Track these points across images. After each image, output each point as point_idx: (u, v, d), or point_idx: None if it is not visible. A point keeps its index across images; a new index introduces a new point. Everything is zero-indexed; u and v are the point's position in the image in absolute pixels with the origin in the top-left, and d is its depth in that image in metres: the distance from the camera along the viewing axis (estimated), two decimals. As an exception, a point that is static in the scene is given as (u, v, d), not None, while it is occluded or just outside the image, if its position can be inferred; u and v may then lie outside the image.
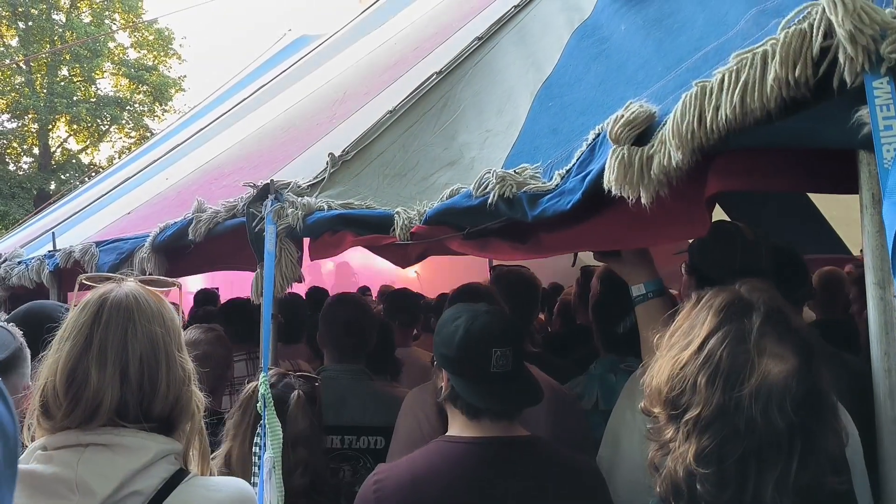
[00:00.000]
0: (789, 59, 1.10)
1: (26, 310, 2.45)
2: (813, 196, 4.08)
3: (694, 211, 1.48)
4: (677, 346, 1.33)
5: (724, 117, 1.20)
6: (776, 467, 1.16)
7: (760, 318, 1.25)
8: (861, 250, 1.26)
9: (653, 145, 1.39)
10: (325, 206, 2.35)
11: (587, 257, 4.26)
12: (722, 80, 1.21)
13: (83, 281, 1.59)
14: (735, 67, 1.19)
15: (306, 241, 2.50)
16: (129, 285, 1.51)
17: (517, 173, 1.88)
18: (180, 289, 1.67)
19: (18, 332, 1.88)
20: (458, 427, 1.91)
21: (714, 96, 1.22)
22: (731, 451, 1.18)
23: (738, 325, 1.25)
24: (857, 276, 3.66)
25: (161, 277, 1.67)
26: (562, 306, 4.70)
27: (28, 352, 1.84)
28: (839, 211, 4.17)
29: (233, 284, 6.08)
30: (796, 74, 1.09)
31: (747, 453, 1.18)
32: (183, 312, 1.65)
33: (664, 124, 1.38)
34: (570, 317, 4.37)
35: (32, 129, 24.20)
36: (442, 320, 1.99)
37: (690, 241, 2.19)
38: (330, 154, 2.64)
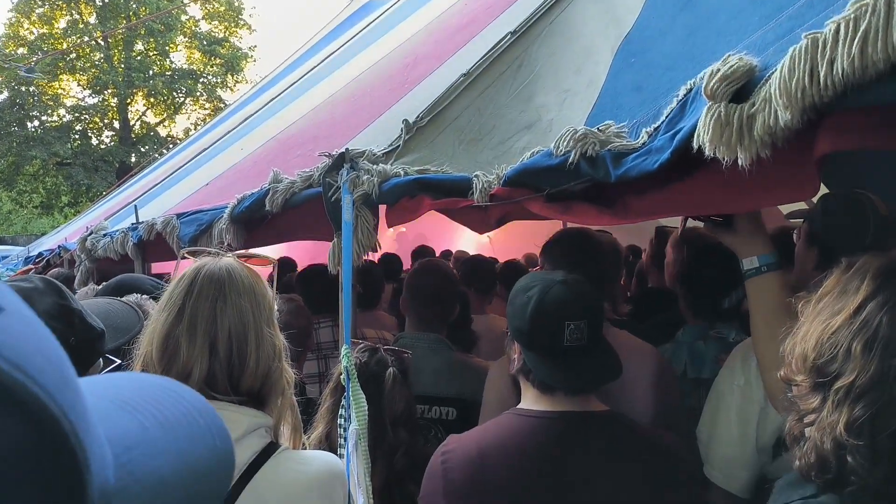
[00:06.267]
0: (921, 2, 0.98)
1: (118, 282, 2.53)
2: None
3: (801, 172, 1.38)
4: (826, 311, 1.23)
5: (840, 71, 1.08)
6: None
7: None
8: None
9: (754, 103, 1.29)
10: (402, 173, 2.31)
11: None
12: (837, 31, 1.10)
13: (185, 254, 1.61)
14: (853, 15, 1.07)
15: (382, 208, 2.48)
16: (226, 260, 1.53)
17: (600, 131, 1.79)
18: (275, 266, 1.68)
19: (144, 311, 1.90)
20: (531, 400, 1.85)
21: (828, 49, 1.11)
22: (886, 424, 1.09)
23: None
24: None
25: (258, 252, 1.68)
26: (640, 270, 4.59)
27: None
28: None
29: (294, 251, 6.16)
30: (928, 19, 0.98)
31: None
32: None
33: (767, 80, 1.27)
34: (645, 279, 4.28)
35: (112, 104, 25.07)
36: (515, 290, 1.91)
37: (808, 206, 2.07)
38: (404, 121, 2.60)
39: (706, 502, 2.09)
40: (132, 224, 4.25)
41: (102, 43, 23.92)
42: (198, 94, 26.53)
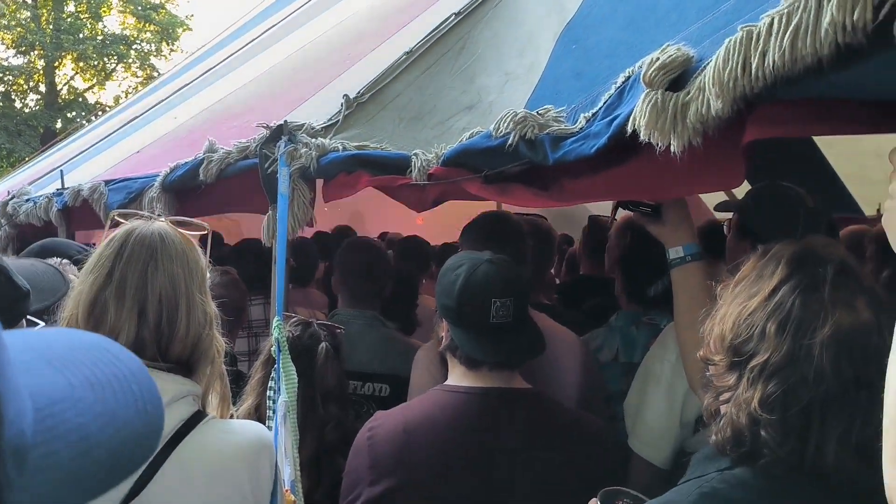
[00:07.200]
0: (848, 2, 1.02)
1: (41, 247, 2.44)
2: (826, 153, 3.98)
3: (729, 161, 1.43)
4: (743, 294, 1.31)
5: (771, 63, 1.12)
6: (840, 421, 1.16)
7: (834, 270, 1.23)
8: (878, 210, 1.22)
9: (689, 92, 1.33)
10: (341, 147, 2.30)
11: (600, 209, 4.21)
12: (770, 24, 1.14)
13: (115, 217, 1.56)
14: (786, 10, 1.11)
15: (319, 182, 2.46)
16: (158, 224, 1.49)
17: (539, 115, 1.82)
18: (209, 234, 1.65)
19: (70, 275, 1.84)
20: (457, 376, 1.89)
21: (761, 41, 1.15)
22: (797, 400, 1.17)
23: (812, 275, 1.23)
24: (875, 234, 3.59)
25: (193, 220, 1.64)
26: (570, 257, 4.67)
27: None
28: (852, 168, 4.06)
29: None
30: (854, 18, 1.02)
31: (812, 403, 1.17)
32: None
33: (702, 70, 1.31)
34: (577, 267, 4.36)
35: (38, 66, 23.97)
36: (444, 269, 1.96)
37: (729, 197, 2.15)
38: (345, 96, 2.57)
39: (625, 476, 2.16)
40: (57, 189, 4.10)
41: (30, 1, 22.84)
42: (130, 60, 25.60)
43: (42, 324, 1.46)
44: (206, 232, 1.64)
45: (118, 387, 0.60)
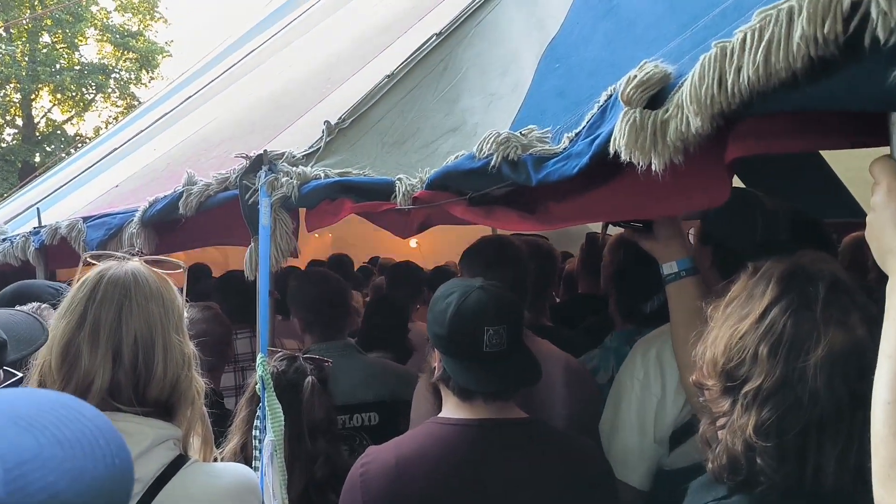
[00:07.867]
0: (817, 15, 1.01)
1: (14, 290, 2.39)
2: (826, 156, 3.98)
3: (713, 178, 1.41)
4: (734, 316, 1.28)
5: (746, 79, 1.11)
6: (838, 441, 1.13)
7: (826, 288, 1.20)
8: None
9: (668, 109, 1.31)
10: (322, 175, 2.27)
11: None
12: (744, 40, 1.13)
13: (87, 259, 1.53)
14: (758, 26, 1.10)
15: (302, 211, 2.43)
16: (132, 264, 1.46)
17: (523, 135, 1.80)
18: (185, 272, 1.62)
19: (50, 320, 1.81)
20: (451, 408, 1.85)
21: (735, 57, 1.14)
22: (793, 424, 1.14)
23: (803, 294, 1.21)
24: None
25: (167, 258, 1.61)
26: (567, 276, 4.64)
27: None
28: (853, 172, 4.05)
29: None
30: (825, 31, 1.01)
31: (809, 426, 1.14)
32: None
33: (680, 87, 1.30)
34: (574, 285, 4.32)
35: (15, 100, 23.79)
36: (435, 297, 1.92)
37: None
38: (326, 122, 2.55)
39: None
40: (34, 228, 4.04)
41: (4, 34, 22.74)
42: (109, 90, 25.49)
43: (20, 374, 1.42)
44: (181, 270, 1.60)
45: (86, 443, 0.62)
